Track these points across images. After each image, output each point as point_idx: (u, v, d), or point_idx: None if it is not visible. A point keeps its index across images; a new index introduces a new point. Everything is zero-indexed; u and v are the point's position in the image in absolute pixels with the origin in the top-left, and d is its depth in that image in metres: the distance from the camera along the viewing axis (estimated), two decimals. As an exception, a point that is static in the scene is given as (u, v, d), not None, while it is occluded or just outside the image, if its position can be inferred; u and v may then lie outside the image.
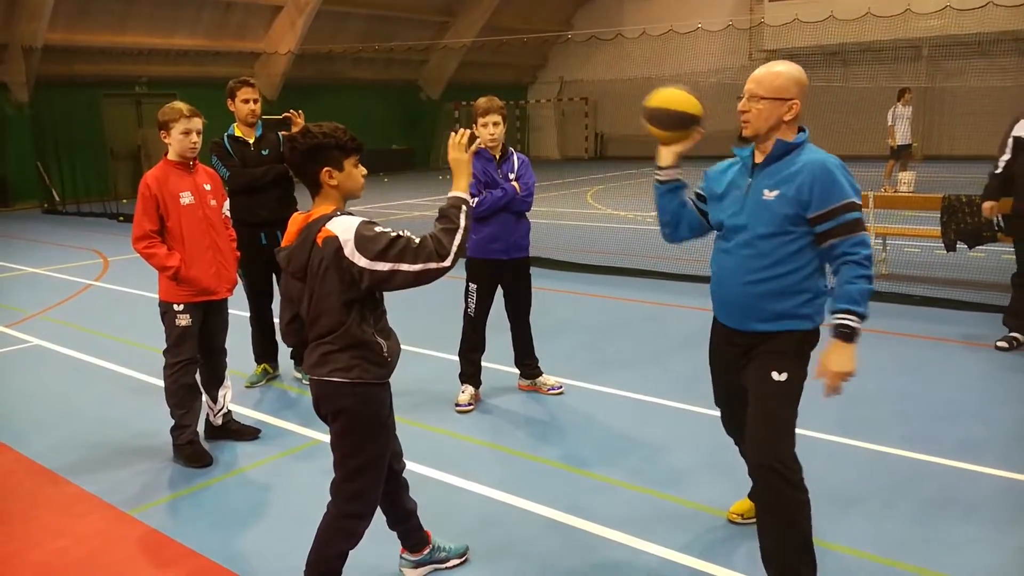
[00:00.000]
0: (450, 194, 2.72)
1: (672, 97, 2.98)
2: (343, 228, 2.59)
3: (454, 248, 2.60)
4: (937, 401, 4.89)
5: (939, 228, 7.78)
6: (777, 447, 2.79)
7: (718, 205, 3.03)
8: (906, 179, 13.47)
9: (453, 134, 2.84)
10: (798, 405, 2.87)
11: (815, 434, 4.28)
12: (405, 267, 2.56)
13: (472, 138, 2.83)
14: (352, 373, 2.69)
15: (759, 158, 2.91)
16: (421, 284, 2.62)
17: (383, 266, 2.56)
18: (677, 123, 2.98)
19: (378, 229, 2.59)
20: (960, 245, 7.71)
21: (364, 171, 2.78)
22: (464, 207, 2.67)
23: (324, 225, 2.62)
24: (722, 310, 3.03)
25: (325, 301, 2.64)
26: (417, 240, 2.59)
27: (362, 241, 2.56)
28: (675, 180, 3.12)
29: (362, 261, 2.56)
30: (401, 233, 2.59)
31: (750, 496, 3.55)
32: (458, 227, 2.63)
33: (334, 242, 2.58)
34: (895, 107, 14.70)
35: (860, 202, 2.77)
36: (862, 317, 2.71)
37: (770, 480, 2.78)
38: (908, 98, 14.76)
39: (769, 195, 2.81)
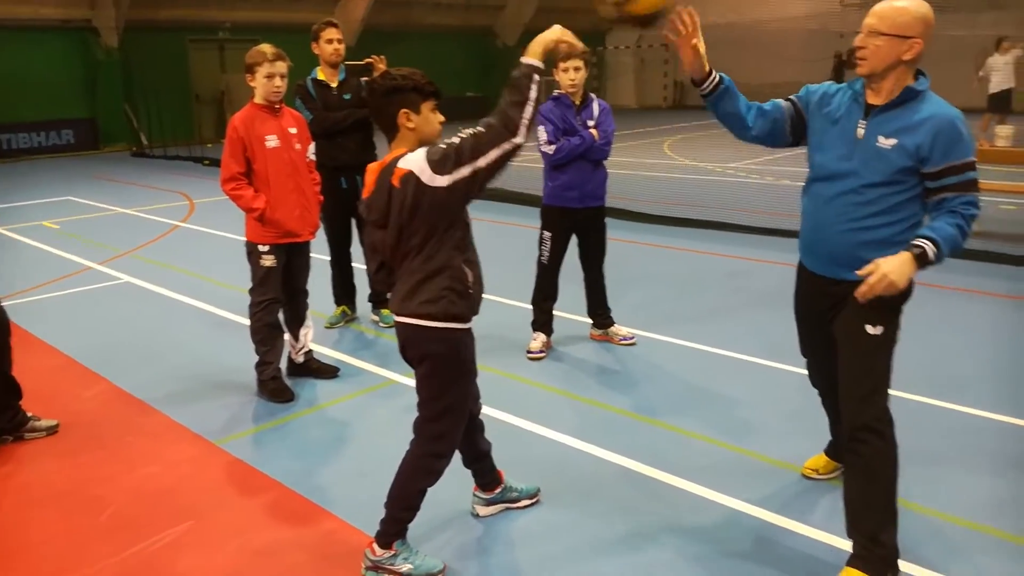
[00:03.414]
0: (522, 60, 2.61)
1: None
2: (414, 162, 2.61)
3: (524, 121, 2.53)
4: (1028, 364, 4.70)
5: (1039, 184, 7.39)
6: (873, 403, 2.72)
7: (818, 140, 2.87)
8: (1004, 133, 12.79)
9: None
10: (892, 359, 2.78)
11: (901, 393, 4.16)
12: (482, 162, 2.54)
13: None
14: (439, 305, 2.71)
15: (873, 99, 2.74)
16: (501, 171, 2.60)
17: (463, 172, 2.55)
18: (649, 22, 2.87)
19: (442, 147, 2.60)
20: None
21: (441, 118, 2.78)
22: (536, 76, 2.58)
23: (396, 165, 2.65)
24: (815, 258, 2.92)
25: (413, 239, 2.67)
26: (478, 131, 2.55)
27: (435, 164, 2.57)
28: (716, 86, 2.88)
29: (444, 180, 2.57)
30: (462, 135, 2.58)
31: (826, 452, 3.50)
32: (527, 99, 2.55)
33: (411, 177, 2.60)
34: (990, 58, 14.02)
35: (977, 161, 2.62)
36: (939, 254, 2.55)
37: (864, 436, 2.72)
38: (1006, 47, 14.02)
39: (885, 143, 2.66)
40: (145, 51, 19.07)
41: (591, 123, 4.90)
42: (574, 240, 5.15)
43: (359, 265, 4.76)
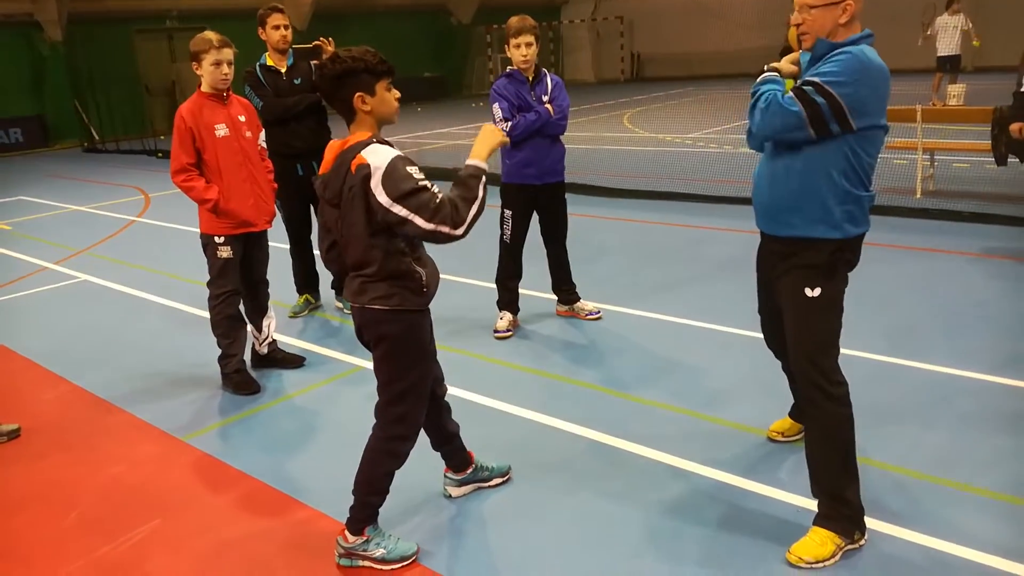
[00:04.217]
0: (468, 161, 2.66)
1: None
2: (377, 157, 2.57)
3: (469, 218, 2.59)
4: (986, 318, 4.80)
5: (990, 142, 7.51)
6: (819, 365, 2.76)
7: None
8: (955, 92, 12.97)
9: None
10: (839, 316, 2.81)
11: (859, 352, 4.24)
12: (419, 221, 2.54)
13: None
14: (392, 301, 2.71)
15: None
16: (428, 242, 2.64)
17: (399, 210, 2.54)
18: None
19: (410, 170, 2.57)
20: (1012, 159, 7.44)
21: (397, 94, 2.73)
22: (483, 177, 2.64)
23: (359, 152, 2.60)
24: (757, 214, 2.97)
25: (353, 229, 2.65)
26: (439, 199, 2.55)
27: (390, 178, 2.54)
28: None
29: (383, 198, 2.55)
30: (428, 185, 2.57)
31: (790, 414, 3.55)
32: (476, 197, 2.60)
33: (365, 169, 2.57)
34: (939, 17, 14.17)
35: (840, 99, 2.51)
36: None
37: (812, 395, 2.77)
38: (956, 8, 14.17)
39: None
40: (91, 44, 18.62)
41: (545, 98, 4.88)
42: (535, 217, 5.15)
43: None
